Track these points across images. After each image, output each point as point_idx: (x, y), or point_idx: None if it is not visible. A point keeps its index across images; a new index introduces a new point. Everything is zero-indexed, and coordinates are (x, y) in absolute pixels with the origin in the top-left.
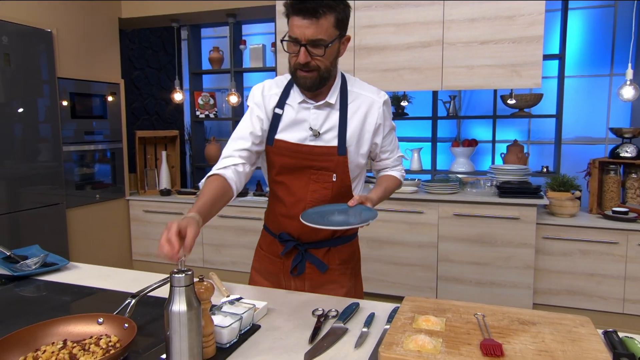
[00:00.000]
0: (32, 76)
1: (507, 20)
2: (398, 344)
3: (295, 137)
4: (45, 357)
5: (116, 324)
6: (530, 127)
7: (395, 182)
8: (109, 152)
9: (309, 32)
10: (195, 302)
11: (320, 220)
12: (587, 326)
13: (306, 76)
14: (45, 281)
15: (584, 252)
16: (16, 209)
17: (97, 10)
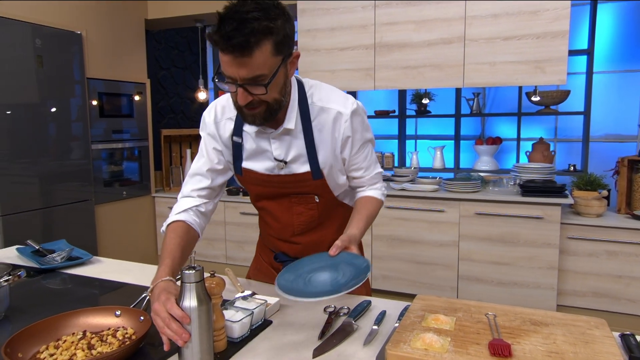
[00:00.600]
0: (63, 77)
1: (531, 15)
2: (406, 342)
3: (262, 167)
4: (65, 346)
5: (133, 317)
6: (557, 124)
7: (376, 205)
8: (135, 150)
9: (243, 72)
10: (206, 297)
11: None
12: (602, 328)
13: (253, 114)
14: (70, 274)
15: (611, 253)
16: (49, 205)
17: (124, 12)
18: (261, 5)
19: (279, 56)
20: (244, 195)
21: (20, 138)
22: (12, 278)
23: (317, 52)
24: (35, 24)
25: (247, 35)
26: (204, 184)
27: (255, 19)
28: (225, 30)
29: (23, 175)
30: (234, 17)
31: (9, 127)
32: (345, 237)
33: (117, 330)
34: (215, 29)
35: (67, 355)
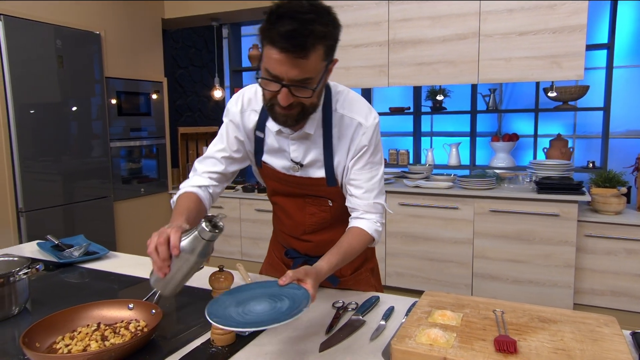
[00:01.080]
0: (83, 76)
1: (548, 10)
2: (411, 337)
3: (279, 164)
4: (80, 337)
5: (145, 310)
6: (576, 120)
7: (363, 241)
8: (153, 147)
9: (294, 73)
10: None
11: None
12: (611, 326)
13: (287, 114)
14: (87, 268)
15: (630, 251)
16: (70, 202)
17: (141, 11)
18: (317, 8)
19: (325, 61)
20: (259, 192)
21: (43, 136)
22: (30, 271)
23: None
24: (56, 25)
25: (307, 36)
26: (218, 168)
27: (314, 21)
28: (285, 28)
29: (45, 172)
30: (294, 17)
31: (32, 126)
32: (302, 270)
33: (130, 323)
34: (270, 26)
35: (81, 345)
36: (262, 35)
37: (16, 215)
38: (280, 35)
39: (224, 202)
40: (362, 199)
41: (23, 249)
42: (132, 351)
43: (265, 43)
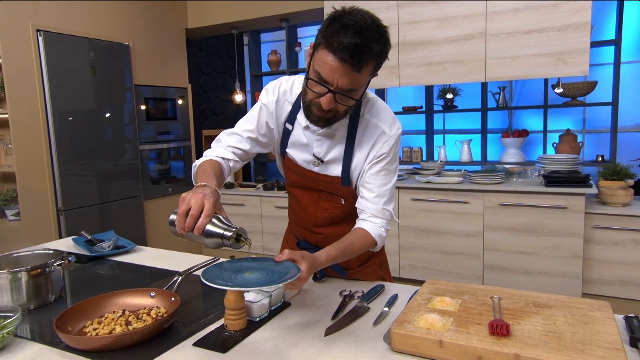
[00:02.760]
0: (114, 85)
1: (552, 9)
2: (410, 321)
3: (301, 158)
4: (107, 322)
5: (165, 298)
6: (585, 115)
7: (365, 243)
8: (180, 149)
9: (343, 82)
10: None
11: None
12: (604, 310)
13: (322, 117)
14: (116, 261)
15: (638, 241)
16: (104, 201)
17: (166, 22)
18: (378, 26)
19: (371, 76)
20: (279, 190)
21: (79, 141)
22: (63, 262)
23: None
24: (89, 38)
25: (367, 53)
26: (243, 146)
27: (374, 40)
28: (349, 40)
29: (82, 174)
30: (359, 32)
31: (69, 131)
32: (299, 253)
33: (152, 309)
34: (334, 33)
35: (107, 329)
36: (323, 39)
37: (57, 214)
38: (343, 45)
39: (246, 199)
40: (372, 202)
41: (60, 244)
42: (152, 334)
43: (322, 47)
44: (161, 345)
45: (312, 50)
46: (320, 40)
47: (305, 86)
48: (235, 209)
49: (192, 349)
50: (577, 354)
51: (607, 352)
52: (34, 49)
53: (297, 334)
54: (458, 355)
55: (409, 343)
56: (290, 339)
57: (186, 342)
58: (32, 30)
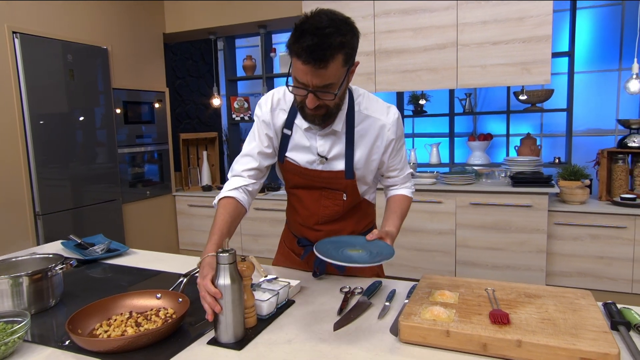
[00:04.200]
0: (92, 88)
1: (517, 22)
2: (416, 314)
3: (303, 159)
4: (116, 324)
5: (172, 299)
6: (542, 121)
7: (408, 203)
8: (156, 153)
9: (317, 81)
10: (237, 277)
11: (335, 253)
12: (587, 298)
13: (314, 114)
14: (109, 264)
15: (594, 236)
16: (82, 205)
17: (144, 27)
18: (334, 20)
19: (346, 66)
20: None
21: (56, 144)
22: (65, 266)
23: None
24: (67, 41)
25: (326, 49)
26: (254, 164)
27: (332, 35)
28: (307, 43)
29: (59, 178)
30: (314, 33)
31: (46, 135)
32: (383, 231)
33: (159, 310)
34: (295, 41)
35: (119, 331)
36: (289, 49)
37: (34, 218)
38: (303, 49)
39: None
40: (399, 176)
41: (48, 249)
42: (166, 335)
43: (292, 56)
44: (175, 345)
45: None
46: (289, 51)
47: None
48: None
49: (208, 348)
50: (572, 337)
51: (597, 335)
52: (10, 51)
53: (307, 329)
54: (464, 343)
55: (417, 334)
56: (302, 335)
57: (200, 341)
58: (7, 32)
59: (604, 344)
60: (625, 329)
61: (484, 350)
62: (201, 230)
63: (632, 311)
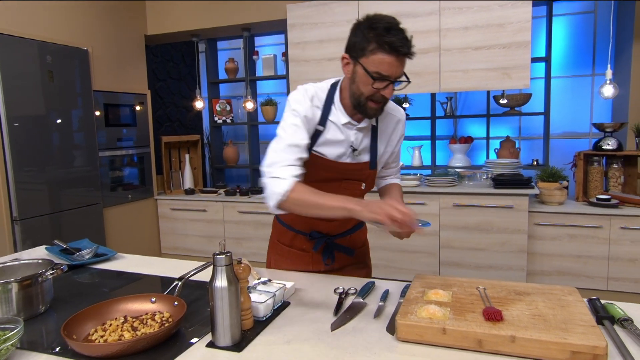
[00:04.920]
0: (72, 90)
1: (498, 28)
2: (412, 313)
3: (333, 153)
4: (112, 329)
5: (167, 302)
6: (520, 124)
7: (401, 190)
8: (137, 156)
9: (399, 71)
10: (234, 279)
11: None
12: (574, 295)
13: (377, 108)
14: (97, 269)
15: (572, 236)
16: (63, 209)
17: (126, 28)
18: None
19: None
20: (241, 195)
21: (35, 147)
22: (56, 271)
23: (307, 63)
24: (46, 42)
25: (410, 43)
26: (304, 155)
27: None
28: (398, 37)
29: (38, 182)
30: (397, 28)
31: (25, 137)
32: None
33: (155, 314)
34: (383, 37)
35: (115, 335)
36: (376, 44)
37: (11, 223)
38: (398, 43)
39: (207, 205)
40: (394, 167)
41: (31, 254)
42: (163, 339)
43: (375, 51)
44: (173, 348)
45: (355, 58)
46: (371, 46)
47: (359, 87)
48: (196, 215)
49: (207, 350)
50: (562, 332)
51: (586, 329)
52: None
53: (305, 330)
54: (460, 340)
55: (414, 332)
56: (300, 336)
57: (198, 344)
58: None
59: (593, 338)
60: (609, 323)
61: (479, 347)
62: (184, 234)
63: (615, 306)
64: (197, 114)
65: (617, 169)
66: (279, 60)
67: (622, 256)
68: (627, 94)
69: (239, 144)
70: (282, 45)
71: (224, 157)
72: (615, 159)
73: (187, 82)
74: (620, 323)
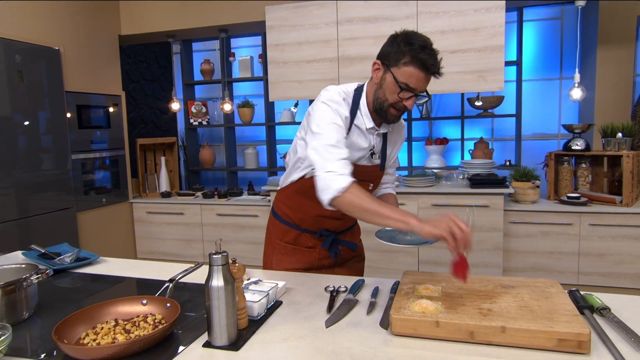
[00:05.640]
0: (44, 91)
1: (473, 32)
2: (405, 307)
3: (354, 156)
4: (103, 332)
5: (159, 304)
6: (493, 125)
7: (397, 201)
8: (111, 159)
9: (424, 87)
10: (230, 278)
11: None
12: (556, 287)
13: (397, 115)
14: (80, 273)
15: (545, 233)
16: (35, 213)
17: (99, 28)
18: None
19: None
20: (220, 198)
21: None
22: (41, 276)
23: (286, 65)
24: (15, 40)
25: (439, 64)
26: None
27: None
28: (432, 57)
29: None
30: (433, 50)
31: None
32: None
33: (147, 317)
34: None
35: (108, 338)
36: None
37: None
38: (431, 62)
39: (185, 208)
40: (391, 174)
41: (7, 259)
42: (158, 340)
43: (408, 64)
44: (169, 349)
45: (386, 66)
46: (405, 58)
47: (385, 94)
48: (173, 218)
49: (204, 350)
50: (548, 321)
51: (570, 318)
52: None
53: (300, 327)
54: (453, 332)
55: (408, 326)
56: (296, 333)
57: (194, 345)
58: None
59: (577, 325)
60: (589, 312)
61: (471, 338)
62: (160, 237)
63: (593, 296)
64: (171, 116)
65: (586, 169)
66: (256, 62)
67: (591, 251)
68: (593, 97)
69: (215, 146)
70: (258, 47)
71: (199, 159)
72: (583, 159)
73: (161, 84)
74: (599, 312)
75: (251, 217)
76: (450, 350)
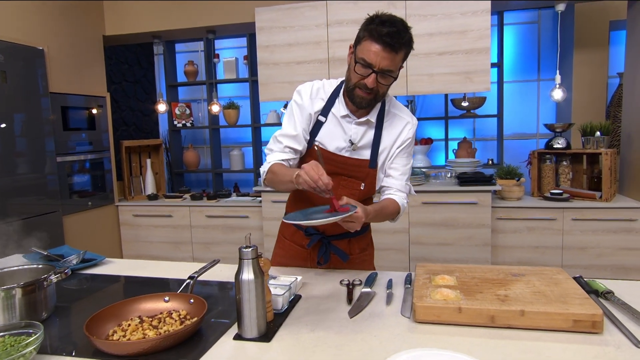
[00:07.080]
0: (28, 92)
1: (460, 35)
2: (427, 296)
3: (333, 145)
4: (131, 329)
5: (182, 300)
6: (475, 126)
7: (395, 208)
8: (96, 162)
9: (384, 63)
10: (260, 272)
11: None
12: (562, 274)
13: (364, 97)
14: (89, 274)
15: (530, 228)
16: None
17: (83, 28)
18: (405, 23)
19: (401, 63)
20: (209, 200)
21: None
22: (60, 275)
23: (276, 66)
24: None
25: (401, 39)
26: (298, 147)
27: (406, 31)
28: (388, 30)
29: None
30: (393, 24)
31: None
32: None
33: (171, 313)
34: (376, 26)
35: (137, 335)
36: (367, 32)
37: None
38: (385, 34)
39: (173, 210)
40: (398, 179)
41: (7, 262)
42: (190, 335)
43: (366, 39)
44: (200, 344)
45: (354, 47)
46: (364, 34)
47: (350, 74)
48: (161, 221)
49: (236, 343)
50: (563, 304)
51: (582, 301)
52: None
53: (325, 319)
54: (475, 317)
55: (431, 313)
56: (321, 324)
57: (224, 338)
58: None
59: (590, 307)
60: (595, 296)
61: (492, 322)
62: (148, 240)
63: (596, 281)
64: (154, 118)
65: (566, 166)
66: (241, 63)
67: (573, 245)
68: (570, 97)
69: (199, 148)
70: (243, 48)
71: (184, 161)
72: (564, 157)
73: (143, 85)
74: (603, 296)
75: (242, 218)
76: (473, 334)
